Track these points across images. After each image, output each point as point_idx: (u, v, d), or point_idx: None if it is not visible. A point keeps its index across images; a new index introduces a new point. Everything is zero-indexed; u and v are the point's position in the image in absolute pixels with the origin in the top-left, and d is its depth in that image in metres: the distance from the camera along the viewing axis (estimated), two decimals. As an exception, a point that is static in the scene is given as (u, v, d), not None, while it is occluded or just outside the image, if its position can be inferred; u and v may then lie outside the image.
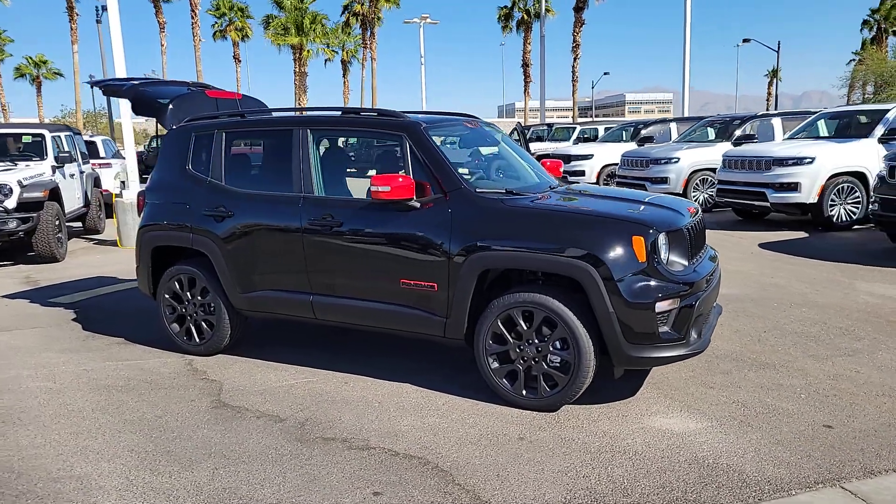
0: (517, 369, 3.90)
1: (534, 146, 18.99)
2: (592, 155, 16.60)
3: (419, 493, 3.04)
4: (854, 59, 51.12)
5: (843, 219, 10.26)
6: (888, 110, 10.81)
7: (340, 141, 5.60)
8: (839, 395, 4.01)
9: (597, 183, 16.28)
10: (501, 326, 3.90)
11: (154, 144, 20.16)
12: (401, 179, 4.02)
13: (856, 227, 10.27)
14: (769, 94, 67.30)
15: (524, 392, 3.90)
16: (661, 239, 3.74)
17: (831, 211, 10.20)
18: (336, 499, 3.02)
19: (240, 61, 52.29)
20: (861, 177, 10.27)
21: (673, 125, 16.96)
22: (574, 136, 20.93)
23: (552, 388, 3.83)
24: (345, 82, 50.89)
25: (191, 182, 4.99)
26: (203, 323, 5.00)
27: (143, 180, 8.95)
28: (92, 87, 6.60)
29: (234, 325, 4.95)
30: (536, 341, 3.83)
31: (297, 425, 3.80)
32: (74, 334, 5.77)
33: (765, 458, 3.26)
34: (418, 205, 4.10)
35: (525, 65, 41.66)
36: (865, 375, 4.30)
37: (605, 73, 69.74)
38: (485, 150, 5.31)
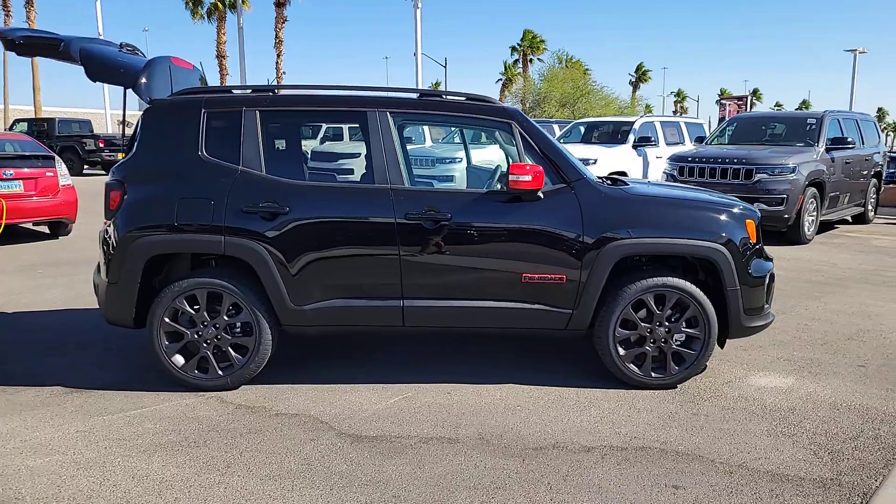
0: (646, 352, 4.06)
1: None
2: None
3: (706, 477, 3.05)
4: (501, 79, 59.69)
5: (616, 211, 12.32)
6: (634, 122, 13.28)
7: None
8: (830, 342, 5.05)
9: None
10: (632, 312, 4.02)
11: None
12: (528, 168, 3.85)
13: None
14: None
15: (653, 373, 4.08)
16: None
17: (608, 204, 12.17)
18: (646, 498, 2.87)
19: None
20: (624, 175, 12.47)
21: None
22: None
23: (679, 365, 4.09)
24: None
25: (211, 171, 3.93)
26: (230, 349, 3.99)
27: None
28: None
29: (274, 346, 4.07)
30: (667, 323, 4.04)
31: (479, 442, 3.39)
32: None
33: (870, 396, 4.02)
34: (541, 195, 3.96)
35: (220, 56, 39.17)
36: (820, 325, 5.47)
37: (283, 73, 69.37)
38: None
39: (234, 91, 4.15)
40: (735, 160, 9.57)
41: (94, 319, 5.49)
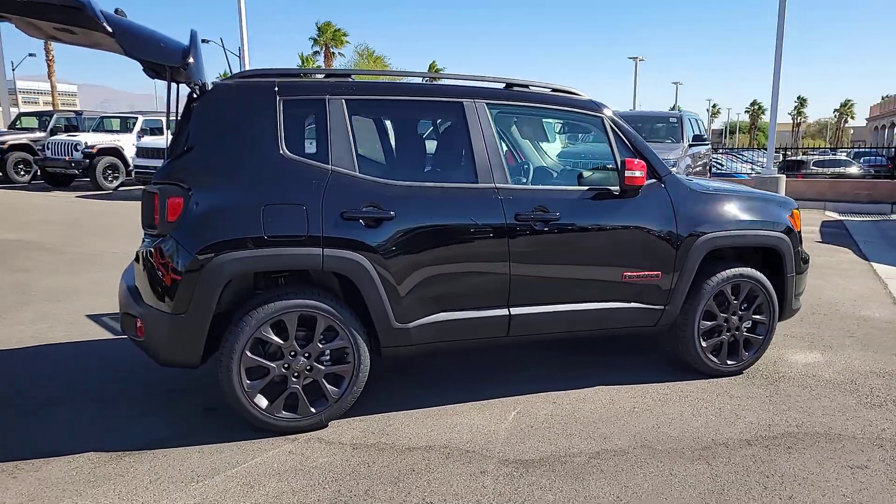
0: (722, 341, 4.20)
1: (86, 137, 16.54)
2: None
3: (870, 453, 3.22)
4: (300, 72, 57.96)
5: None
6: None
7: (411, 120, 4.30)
8: (804, 318, 5.64)
9: None
10: (713, 303, 4.13)
11: None
12: (637, 163, 3.78)
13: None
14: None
15: (728, 361, 4.24)
16: (794, 212, 4.64)
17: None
18: (851, 481, 2.96)
19: None
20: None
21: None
22: (138, 128, 18.27)
23: (748, 350, 4.30)
24: None
25: (297, 172, 3.29)
26: (324, 381, 3.39)
27: None
28: None
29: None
30: (741, 312, 4.22)
31: (646, 451, 3.25)
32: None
33: (890, 361, 4.57)
34: (638, 192, 3.90)
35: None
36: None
37: (31, 55, 59.44)
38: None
39: (303, 75, 3.51)
40: (625, 155, 10.28)
41: (60, 358, 4.42)
